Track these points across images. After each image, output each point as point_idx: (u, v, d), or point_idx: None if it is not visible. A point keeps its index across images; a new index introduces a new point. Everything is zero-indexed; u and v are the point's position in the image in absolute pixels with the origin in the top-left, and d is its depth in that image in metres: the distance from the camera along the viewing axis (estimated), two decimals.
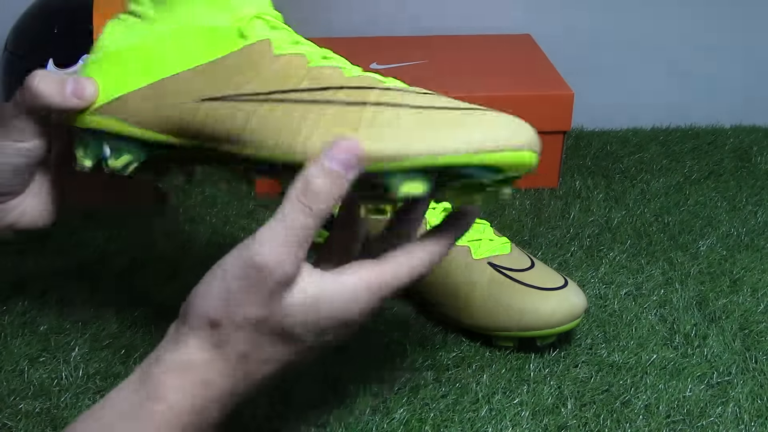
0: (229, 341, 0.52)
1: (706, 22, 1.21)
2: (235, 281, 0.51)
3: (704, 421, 0.68)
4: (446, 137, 0.51)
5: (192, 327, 0.52)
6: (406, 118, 0.52)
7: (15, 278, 0.85)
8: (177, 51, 0.59)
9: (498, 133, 0.51)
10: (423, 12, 1.19)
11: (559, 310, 0.73)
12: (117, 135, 0.60)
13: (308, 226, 0.51)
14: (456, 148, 0.51)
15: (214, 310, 0.52)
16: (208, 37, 0.59)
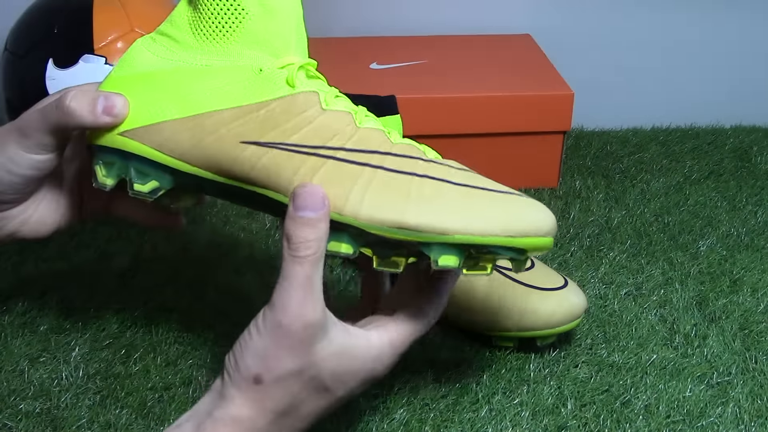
0: (270, 397, 0.55)
1: (705, 23, 1.21)
2: (269, 339, 0.55)
3: (704, 421, 0.68)
4: (487, 219, 0.56)
5: (236, 384, 0.55)
6: (450, 195, 0.56)
7: (15, 278, 0.85)
8: (219, 87, 0.59)
9: (531, 219, 0.57)
10: (423, 12, 1.19)
11: (559, 310, 0.73)
12: (146, 160, 0.60)
13: (308, 274, 0.55)
14: (495, 230, 0.56)
15: (255, 367, 0.55)
16: (253, 79, 0.59)
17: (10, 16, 1.05)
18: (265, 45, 0.60)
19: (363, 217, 0.56)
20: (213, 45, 0.60)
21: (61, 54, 0.95)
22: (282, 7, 0.60)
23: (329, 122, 0.58)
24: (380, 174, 0.57)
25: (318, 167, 0.57)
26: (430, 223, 0.55)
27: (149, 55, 0.61)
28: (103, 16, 0.97)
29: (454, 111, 0.99)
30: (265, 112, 0.58)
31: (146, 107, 0.59)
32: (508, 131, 1.01)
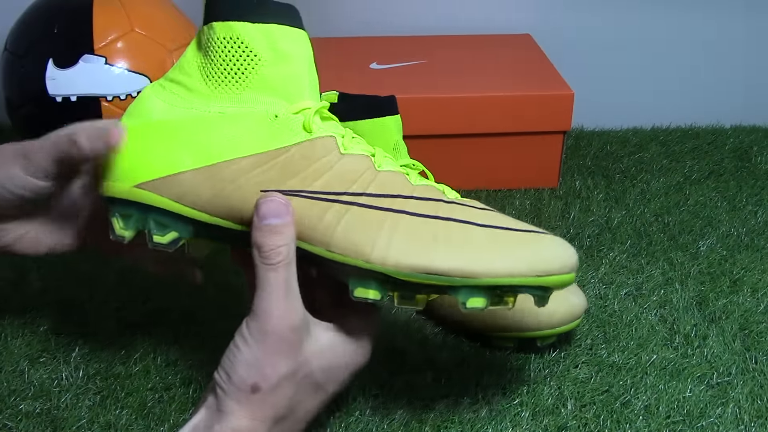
0: (269, 404, 0.56)
1: (706, 23, 1.21)
2: (258, 348, 0.56)
3: (704, 421, 0.68)
4: (514, 260, 0.56)
5: (234, 398, 0.56)
6: (477, 237, 0.57)
7: (15, 278, 0.85)
8: (235, 135, 0.58)
9: (555, 258, 0.58)
10: (423, 12, 1.19)
11: (559, 310, 0.73)
12: (166, 211, 0.59)
13: (282, 278, 0.56)
14: (522, 271, 0.56)
15: (250, 377, 0.56)
16: (269, 126, 0.58)
17: (10, 16, 1.05)
18: (279, 90, 0.59)
19: (390, 263, 0.56)
20: (226, 92, 0.59)
21: (61, 54, 0.95)
22: (294, 52, 0.59)
23: (349, 167, 0.58)
24: (404, 219, 0.57)
25: (342, 214, 0.57)
26: (459, 267, 0.56)
27: (160, 103, 0.60)
28: (103, 16, 0.97)
29: (454, 111, 0.99)
30: (284, 159, 0.58)
31: (162, 158, 0.59)
32: (508, 131, 1.01)
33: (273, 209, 0.56)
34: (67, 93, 0.95)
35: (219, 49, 0.59)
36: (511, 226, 0.58)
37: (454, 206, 0.59)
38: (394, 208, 0.57)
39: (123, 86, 0.96)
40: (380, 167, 0.59)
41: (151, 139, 0.59)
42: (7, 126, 1.16)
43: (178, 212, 0.59)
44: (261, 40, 0.58)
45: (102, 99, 0.95)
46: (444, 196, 0.60)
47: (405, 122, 0.97)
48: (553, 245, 0.58)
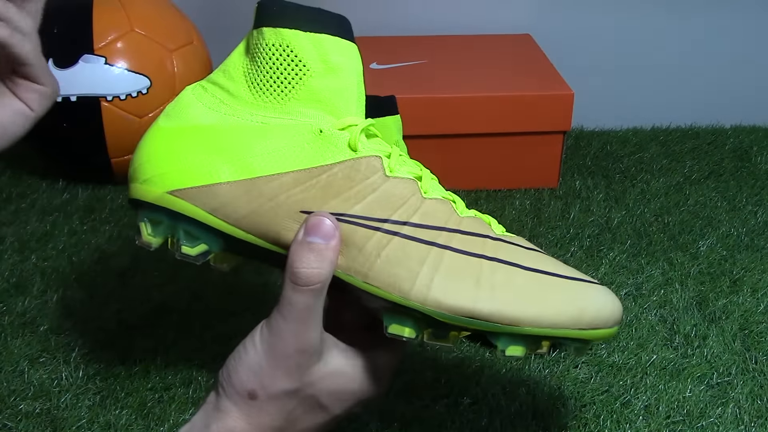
0: (266, 412, 0.55)
1: (706, 23, 1.21)
2: (264, 359, 0.54)
3: (704, 421, 0.68)
4: (559, 311, 0.54)
5: (231, 398, 0.55)
6: (522, 282, 0.54)
7: (15, 278, 0.85)
8: (277, 148, 0.55)
9: (600, 311, 0.55)
10: (423, 12, 1.19)
11: None
12: (197, 222, 0.56)
13: (307, 305, 0.53)
14: (566, 324, 0.54)
15: (249, 382, 0.54)
16: (313, 141, 0.55)
17: None
18: (326, 104, 0.56)
19: (431, 303, 0.53)
20: (270, 101, 0.56)
21: (61, 54, 0.95)
22: (344, 65, 0.56)
23: (394, 191, 0.55)
24: (448, 256, 0.54)
25: (384, 245, 0.54)
26: (502, 313, 0.53)
27: (201, 107, 0.57)
28: (103, 16, 0.97)
29: (454, 111, 0.99)
30: (327, 177, 0.55)
31: (199, 166, 0.55)
32: (508, 131, 1.01)
33: (320, 227, 0.53)
34: (67, 93, 0.95)
35: (267, 55, 0.56)
36: (558, 272, 0.56)
37: (500, 244, 0.56)
38: (438, 243, 0.54)
39: (123, 86, 0.96)
40: (426, 194, 0.56)
41: (188, 143, 0.56)
42: None
43: (211, 224, 0.56)
44: (311, 50, 0.56)
45: (102, 99, 0.95)
46: (491, 230, 0.56)
47: (405, 122, 0.97)
48: (600, 297, 0.56)
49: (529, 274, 0.55)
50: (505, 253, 0.55)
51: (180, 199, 0.56)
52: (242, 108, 0.56)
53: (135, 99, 0.96)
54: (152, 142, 0.57)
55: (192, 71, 1.01)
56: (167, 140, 0.56)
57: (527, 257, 0.56)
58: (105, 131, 0.97)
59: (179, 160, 0.56)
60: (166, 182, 0.56)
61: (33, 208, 0.98)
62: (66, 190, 1.02)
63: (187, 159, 0.55)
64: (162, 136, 0.57)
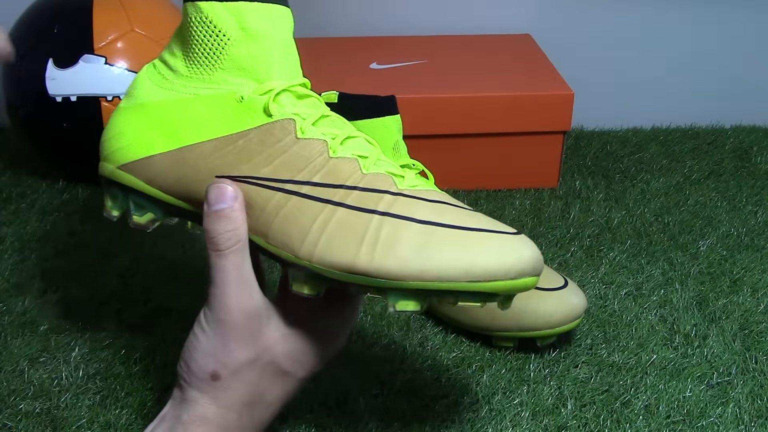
0: (232, 390, 0.56)
1: (706, 23, 1.21)
2: (215, 337, 0.56)
3: (704, 421, 0.68)
4: (442, 263, 0.52)
5: (195, 387, 0.56)
6: (408, 237, 0.53)
7: (15, 278, 0.85)
8: (202, 117, 0.58)
9: (498, 260, 0.52)
10: (423, 12, 1.19)
11: (559, 310, 0.73)
12: (141, 193, 0.60)
13: (233, 265, 0.55)
14: (450, 276, 0.52)
15: (209, 365, 0.56)
16: (234, 108, 0.57)
17: (10, 16, 1.05)
18: (249, 71, 0.57)
19: (316, 260, 0.54)
20: (200, 73, 0.58)
21: (61, 54, 0.95)
22: (265, 30, 0.57)
23: (301, 152, 0.56)
24: (339, 213, 0.54)
25: (282, 204, 0.55)
26: (380, 269, 0.53)
27: (149, 84, 0.60)
28: (103, 16, 0.97)
29: (454, 111, 0.99)
30: (243, 143, 0.57)
31: (140, 141, 0.59)
32: (508, 131, 1.01)
33: (220, 195, 0.56)
34: (67, 93, 0.95)
35: (192, 29, 0.58)
36: (458, 223, 0.54)
37: (398, 198, 0.55)
38: (333, 200, 0.55)
39: (123, 86, 0.96)
40: (335, 153, 0.56)
41: (136, 121, 0.59)
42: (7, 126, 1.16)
43: (150, 194, 0.60)
44: (229, 19, 0.57)
45: (102, 99, 0.95)
46: (395, 185, 0.56)
47: (405, 122, 0.97)
48: (500, 246, 0.53)
49: (420, 227, 0.53)
50: (399, 208, 0.54)
51: (125, 172, 0.60)
52: (180, 82, 0.59)
53: None
54: (112, 121, 0.61)
55: None
56: (122, 119, 0.60)
57: (425, 210, 0.54)
58: None
59: (127, 137, 0.60)
60: (118, 158, 0.60)
61: (33, 208, 0.98)
62: (66, 190, 1.02)
63: (133, 135, 0.59)
64: (119, 115, 0.60)
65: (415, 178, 0.57)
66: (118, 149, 0.60)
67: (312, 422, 0.67)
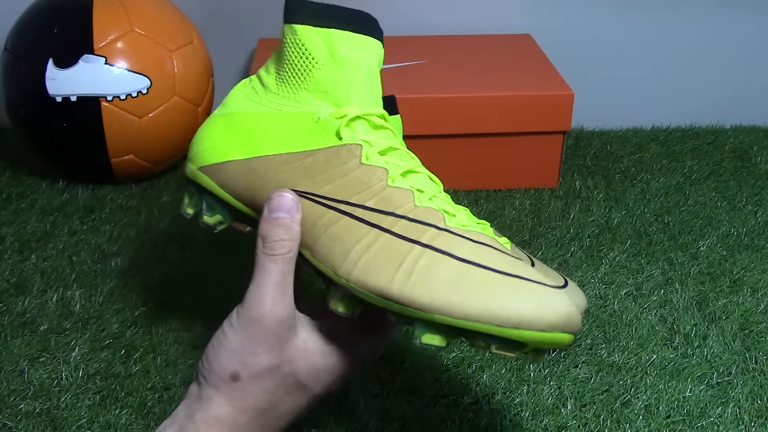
0: (249, 393, 0.56)
1: (706, 23, 1.21)
2: (244, 336, 0.56)
3: (704, 421, 0.68)
4: (470, 302, 0.52)
5: (213, 385, 0.56)
6: (445, 271, 0.53)
7: (15, 278, 0.85)
8: (279, 132, 0.61)
9: (526, 309, 0.51)
10: (423, 12, 1.19)
11: None
12: (214, 195, 0.63)
13: (282, 270, 0.57)
14: (476, 316, 0.52)
15: (231, 364, 0.56)
16: (310, 127, 0.60)
17: (10, 16, 1.05)
18: (330, 95, 0.60)
19: (354, 280, 0.55)
20: (287, 91, 0.62)
21: (61, 54, 0.95)
22: (351, 58, 0.60)
23: (362, 177, 0.58)
24: (383, 238, 0.56)
25: (332, 223, 0.57)
26: (412, 299, 0.53)
27: (242, 96, 0.64)
28: (103, 16, 0.97)
29: (454, 111, 0.99)
30: (310, 161, 0.59)
31: (220, 145, 0.63)
32: (508, 131, 1.01)
33: (282, 203, 0.58)
34: (67, 93, 0.95)
35: (286, 49, 0.61)
36: (496, 266, 0.53)
37: (443, 234, 0.55)
38: (381, 226, 0.56)
39: (123, 86, 0.96)
40: (393, 183, 0.58)
41: (220, 126, 0.63)
42: (7, 126, 1.16)
43: (221, 197, 0.63)
44: (320, 44, 0.60)
45: (102, 99, 0.95)
46: (443, 221, 0.56)
47: (405, 122, 0.97)
48: (534, 295, 0.52)
49: (458, 264, 0.53)
50: (442, 242, 0.55)
51: (203, 174, 0.64)
52: (268, 98, 0.62)
53: (135, 99, 0.96)
54: (203, 126, 0.65)
55: (192, 71, 1.01)
56: (212, 125, 0.64)
57: (467, 249, 0.54)
58: (105, 131, 0.97)
59: (211, 140, 0.63)
60: (199, 159, 0.64)
61: (33, 208, 0.98)
62: (66, 190, 1.02)
63: (216, 139, 0.63)
64: (210, 122, 0.64)
65: (467, 218, 0.58)
66: (200, 151, 0.64)
67: (312, 422, 0.67)
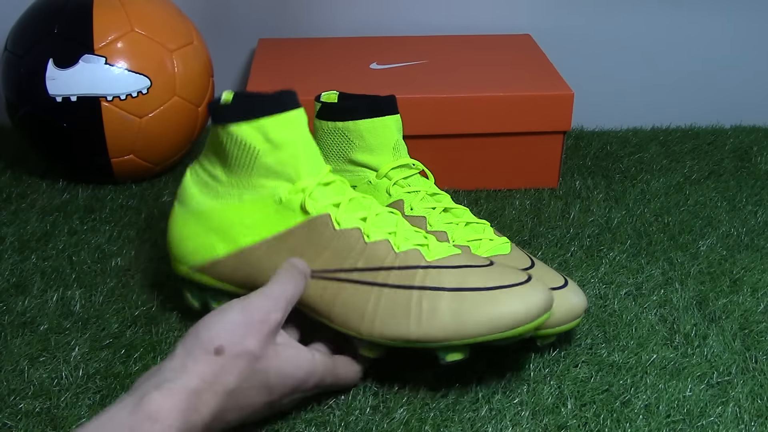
0: (223, 372, 0.59)
1: (706, 23, 1.21)
2: (242, 313, 0.62)
3: (704, 421, 0.68)
4: (474, 324, 0.65)
5: (193, 356, 0.59)
6: (443, 306, 0.65)
7: (15, 278, 0.85)
8: (252, 220, 0.69)
9: (517, 312, 0.65)
10: (423, 12, 1.19)
11: (559, 309, 0.73)
12: (217, 288, 0.72)
13: (295, 294, 0.66)
14: (483, 332, 0.65)
15: (219, 338, 0.60)
16: (276, 209, 0.69)
17: (10, 16, 1.05)
18: (281, 174, 0.68)
19: (377, 336, 0.66)
20: (241, 180, 0.69)
21: (61, 54, 0.95)
22: (286, 138, 0.68)
23: (343, 243, 0.68)
24: (385, 293, 0.66)
25: (337, 293, 0.67)
26: (430, 336, 0.65)
27: (196, 191, 0.71)
28: (103, 16, 0.97)
29: (454, 111, 0.99)
30: (292, 239, 0.68)
31: (203, 246, 0.71)
32: (508, 131, 1.01)
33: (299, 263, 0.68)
34: (67, 93, 0.95)
35: (226, 146, 0.68)
36: (479, 285, 0.66)
37: (428, 272, 0.67)
38: (378, 282, 0.66)
39: (123, 86, 0.96)
40: (369, 238, 0.68)
41: (194, 227, 0.71)
42: (8, 126, 1.16)
43: (224, 289, 0.72)
44: (256, 136, 0.67)
45: (102, 99, 0.95)
46: (423, 258, 0.67)
47: (405, 122, 0.97)
48: (518, 298, 0.65)
49: (451, 295, 0.65)
50: (431, 280, 0.66)
51: (198, 272, 0.72)
52: (224, 189, 0.70)
53: (135, 99, 0.96)
54: (172, 225, 0.73)
55: (192, 71, 1.01)
56: (182, 224, 0.72)
57: (452, 278, 0.66)
58: (105, 131, 0.97)
59: (192, 242, 0.72)
60: (188, 260, 0.72)
61: (33, 208, 0.98)
62: (66, 190, 1.02)
63: (197, 240, 0.71)
64: (178, 221, 0.73)
65: (437, 244, 0.69)
66: (186, 254, 0.72)
67: (312, 422, 0.67)
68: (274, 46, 1.13)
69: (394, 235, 0.69)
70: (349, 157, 0.80)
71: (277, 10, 1.18)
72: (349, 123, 0.79)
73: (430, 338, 0.65)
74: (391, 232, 0.69)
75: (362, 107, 0.79)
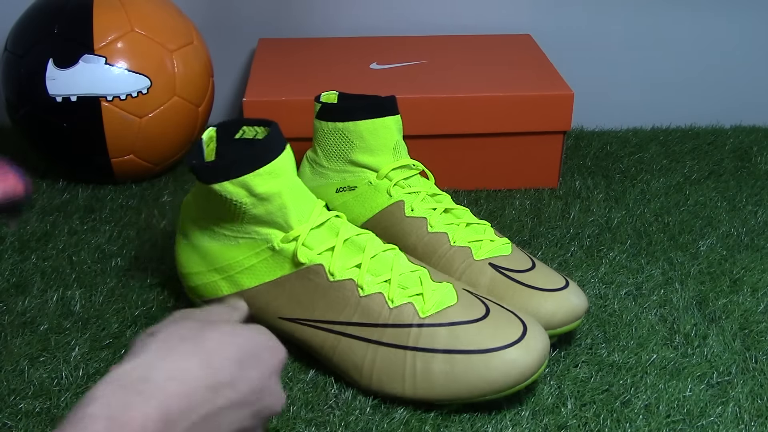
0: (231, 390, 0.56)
1: (705, 23, 1.21)
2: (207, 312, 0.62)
3: (704, 421, 0.68)
4: (466, 387, 0.66)
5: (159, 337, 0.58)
6: (436, 368, 0.67)
7: (15, 278, 0.85)
8: (249, 264, 0.71)
9: (512, 371, 0.66)
10: (423, 12, 1.19)
11: (559, 311, 0.73)
12: None
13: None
14: (476, 394, 0.67)
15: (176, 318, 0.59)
16: (271, 257, 0.70)
17: (10, 16, 1.05)
18: (272, 224, 0.69)
19: (374, 389, 0.69)
20: (233, 226, 0.70)
21: (61, 54, 0.95)
22: (271, 191, 0.68)
23: (337, 295, 0.69)
24: (380, 351, 0.68)
25: (336, 344, 0.69)
26: (423, 397, 0.67)
27: (196, 229, 0.73)
28: (103, 16, 0.97)
29: (454, 111, 0.99)
30: (289, 286, 0.70)
31: (209, 285, 0.74)
32: (508, 131, 1.01)
33: None
34: (67, 93, 0.95)
35: (216, 203, 0.69)
36: (470, 346, 0.66)
37: (422, 330, 0.67)
38: (373, 339, 0.68)
39: (123, 86, 0.96)
40: (363, 292, 0.69)
41: (198, 264, 0.73)
42: (7, 126, 1.16)
43: None
44: (240, 192, 0.68)
45: (102, 99, 0.95)
46: (417, 315, 0.68)
47: (405, 122, 0.97)
48: (508, 362, 0.66)
49: (443, 357, 0.67)
50: (424, 341, 0.67)
51: (207, 303, 0.73)
52: (218, 231, 0.71)
53: (135, 99, 0.96)
54: (180, 256, 0.75)
55: (192, 71, 1.01)
56: (187, 258, 0.74)
57: (444, 338, 0.67)
58: (105, 131, 0.97)
59: (198, 279, 0.74)
60: (196, 294, 0.75)
61: (33, 208, 0.98)
62: (66, 190, 1.02)
63: (202, 278, 0.74)
64: (183, 254, 0.75)
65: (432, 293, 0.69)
66: (194, 288, 0.75)
67: (312, 422, 0.67)
68: (274, 46, 1.13)
69: (388, 284, 0.69)
70: (349, 157, 0.80)
71: (277, 11, 1.18)
72: (349, 123, 0.79)
73: (424, 398, 0.67)
74: (386, 281, 0.69)
75: (362, 108, 0.79)
